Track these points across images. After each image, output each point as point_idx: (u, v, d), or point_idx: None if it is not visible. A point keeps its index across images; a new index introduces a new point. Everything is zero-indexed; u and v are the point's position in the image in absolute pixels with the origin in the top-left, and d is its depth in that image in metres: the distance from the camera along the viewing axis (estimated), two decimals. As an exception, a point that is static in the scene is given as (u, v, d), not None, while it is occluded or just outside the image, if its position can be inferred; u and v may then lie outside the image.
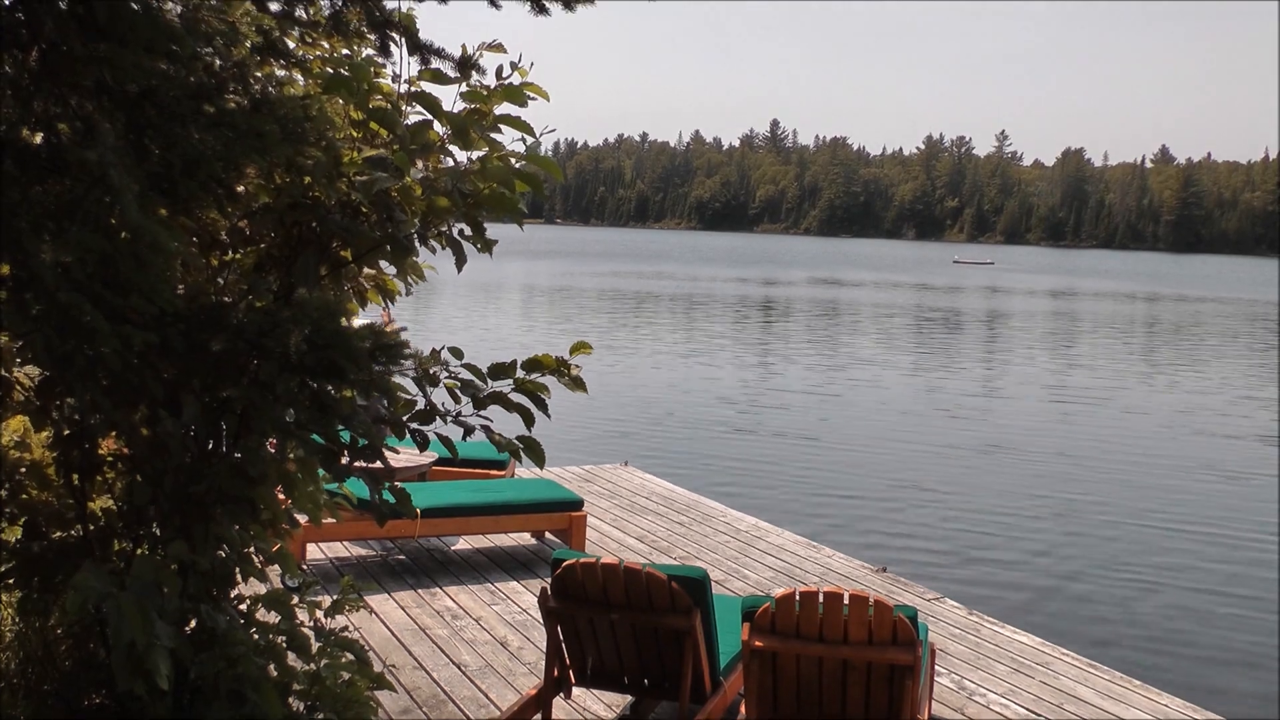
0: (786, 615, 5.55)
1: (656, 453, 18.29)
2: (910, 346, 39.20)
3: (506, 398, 4.05)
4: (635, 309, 50.08)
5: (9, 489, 5.07)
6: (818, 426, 22.11)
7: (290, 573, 4.77)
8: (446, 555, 9.56)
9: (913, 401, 26.14)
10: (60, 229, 3.12)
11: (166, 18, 2.89)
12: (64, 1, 2.87)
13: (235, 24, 3.30)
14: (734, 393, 26.22)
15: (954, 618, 8.74)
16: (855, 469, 18.36)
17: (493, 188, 4.15)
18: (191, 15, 3.09)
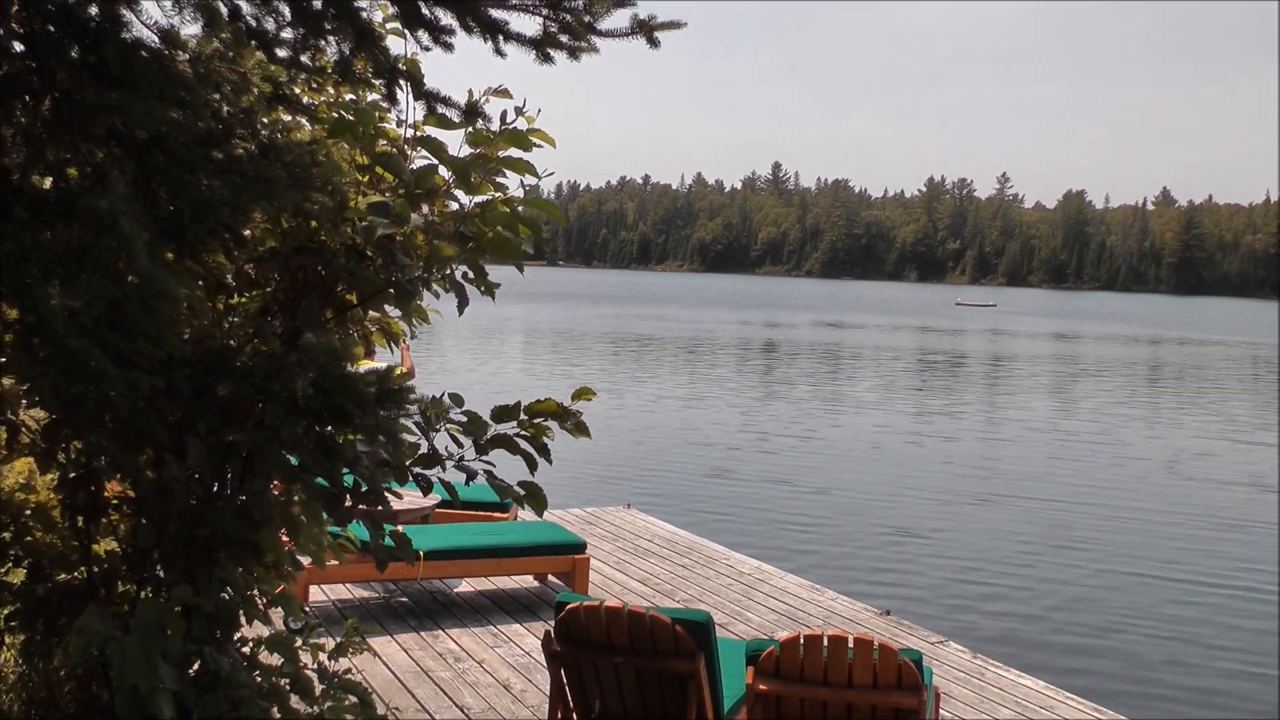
0: (791, 659, 5.54)
1: (659, 495, 18.27)
2: (913, 390, 39.18)
3: (510, 441, 4.07)
4: (637, 352, 50.11)
5: (14, 531, 5.09)
6: (820, 470, 22.09)
7: (293, 615, 4.77)
8: (449, 597, 9.55)
9: (915, 445, 26.11)
10: (69, 275, 3.15)
11: (179, 67, 2.93)
12: (75, 50, 2.91)
13: (246, 74, 3.34)
14: (736, 436, 26.21)
15: (958, 661, 8.72)
16: (858, 512, 18.34)
17: (496, 231, 4.18)
18: (204, 65, 3.13)
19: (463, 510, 10.49)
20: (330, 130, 4.08)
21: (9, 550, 5.04)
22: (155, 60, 2.81)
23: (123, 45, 2.79)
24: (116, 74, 2.77)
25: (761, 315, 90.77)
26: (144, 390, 3.13)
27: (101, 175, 2.90)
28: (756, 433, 26.82)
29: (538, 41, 3.47)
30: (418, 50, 3.89)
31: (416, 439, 3.95)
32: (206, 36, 3.18)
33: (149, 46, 2.85)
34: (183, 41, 3.03)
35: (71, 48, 2.85)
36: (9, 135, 3.49)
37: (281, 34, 3.66)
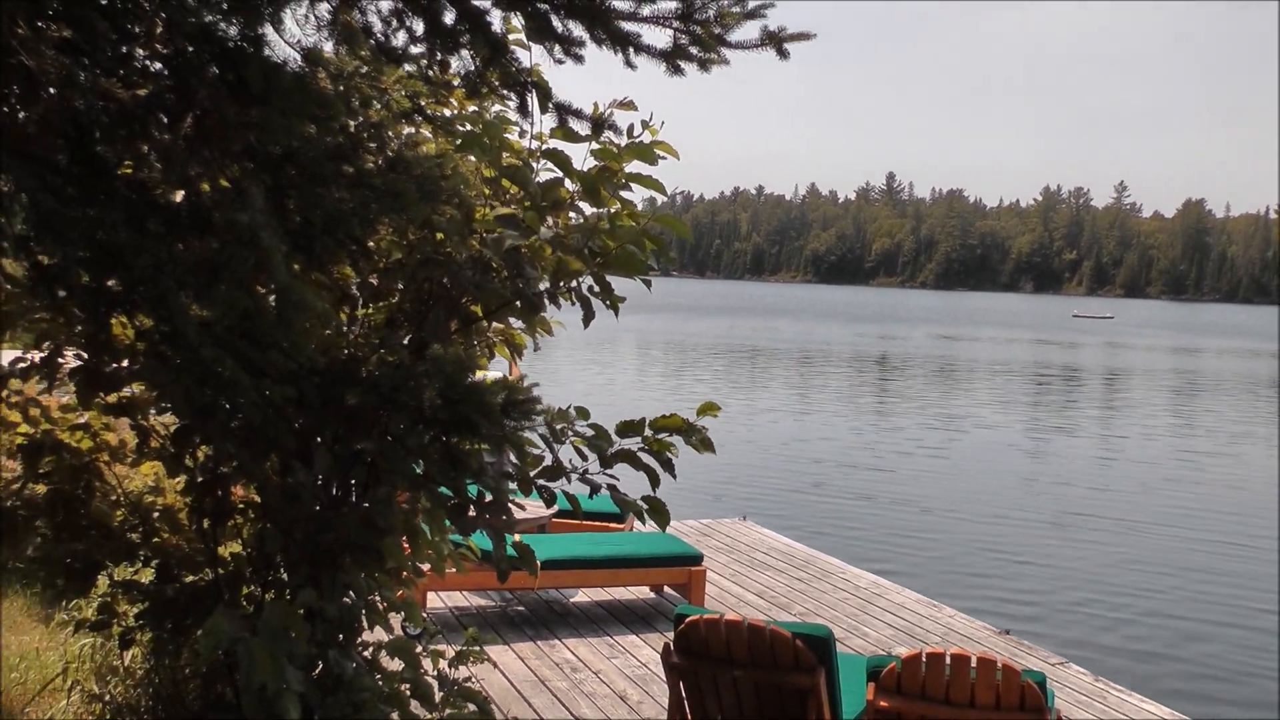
0: (912, 676, 5.47)
1: (773, 508, 18.18)
2: (1030, 405, 38.51)
3: (634, 456, 4.07)
4: (749, 364, 49.94)
5: (143, 532, 5.22)
6: (934, 484, 21.80)
7: (414, 621, 4.83)
8: (565, 607, 9.59)
9: (1031, 461, 25.66)
10: (203, 286, 3.22)
11: (320, 84, 2.98)
12: (214, 69, 2.97)
13: (387, 90, 3.39)
14: (849, 449, 25.99)
15: (1079, 684, 8.53)
16: (974, 528, 18.05)
17: (622, 246, 4.19)
18: (345, 82, 3.18)
19: (579, 520, 10.53)
20: (460, 143, 4.12)
21: (138, 551, 5.18)
22: (297, 78, 2.86)
23: (265, 64, 2.84)
24: (258, 92, 2.82)
25: (875, 327, 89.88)
26: (275, 399, 3.19)
27: (241, 190, 2.96)
28: (870, 446, 26.57)
29: (668, 54, 3.48)
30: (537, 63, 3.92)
31: (541, 451, 3.96)
32: (348, 54, 3.23)
33: (291, 65, 2.91)
34: (325, 59, 3.08)
35: (211, 67, 2.91)
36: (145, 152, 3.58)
37: (410, 49, 3.71)
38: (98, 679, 6.15)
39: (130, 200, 3.42)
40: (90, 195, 3.45)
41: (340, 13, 2.96)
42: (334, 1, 3.01)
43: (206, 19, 3.10)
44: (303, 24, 3.01)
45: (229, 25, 2.93)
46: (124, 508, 5.23)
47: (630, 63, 3.52)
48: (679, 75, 3.59)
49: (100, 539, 5.12)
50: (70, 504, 5.08)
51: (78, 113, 3.16)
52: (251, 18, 2.85)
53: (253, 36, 2.86)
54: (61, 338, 4.75)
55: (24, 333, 4.77)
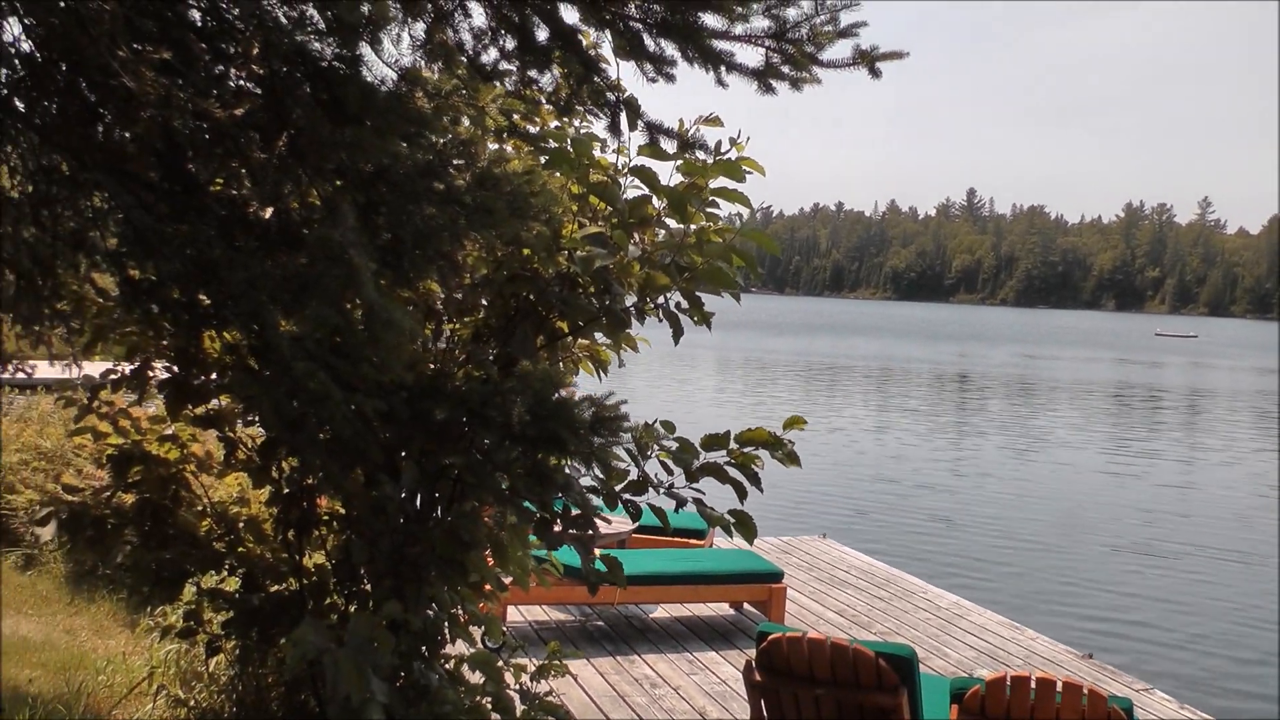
0: (997, 699, 5.40)
1: (853, 526, 18.04)
2: (1112, 425, 37.86)
3: (720, 470, 4.06)
4: (829, 381, 49.63)
5: (228, 542, 5.29)
6: (1015, 505, 21.49)
7: (495, 636, 4.84)
8: (645, 623, 9.57)
9: (1113, 483, 25.21)
10: (294, 302, 3.26)
11: (417, 104, 3.01)
12: (308, 87, 3.01)
13: (484, 108, 3.42)
14: (930, 468, 25.72)
15: (1165, 712, 8.36)
16: (1056, 550, 17.77)
17: (710, 262, 4.19)
18: (444, 100, 3.21)
19: (660, 535, 10.52)
20: (548, 160, 4.14)
21: (224, 560, 5.25)
22: (394, 98, 2.89)
23: (361, 85, 2.87)
24: (355, 112, 2.86)
25: (954, 345, 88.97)
26: (366, 413, 3.21)
27: (333, 207, 2.99)
28: (949, 466, 26.29)
29: (759, 72, 3.47)
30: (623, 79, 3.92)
31: (626, 465, 3.97)
32: (446, 74, 3.26)
33: (388, 84, 2.94)
34: (423, 79, 3.11)
35: (305, 86, 2.94)
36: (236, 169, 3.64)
37: (500, 66, 3.73)
38: (182, 684, 6.24)
39: (222, 217, 3.48)
40: (182, 212, 3.51)
41: (435, 31, 2.99)
42: (428, 21, 3.04)
43: (299, 39, 3.15)
44: (396, 43, 3.05)
45: (326, 46, 2.96)
46: (210, 517, 5.31)
47: (722, 81, 3.51)
48: (770, 94, 3.58)
49: (187, 548, 5.19)
50: (158, 513, 5.17)
51: (173, 131, 3.21)
52: (349, 39, 2.88)
53: (350, 57, 2.89)
54: (151, 351, 4.84)
55: (115, 345, 4.87)
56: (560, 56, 3.31)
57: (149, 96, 2.86)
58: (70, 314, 4.89)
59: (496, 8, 3.19)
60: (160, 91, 2.91)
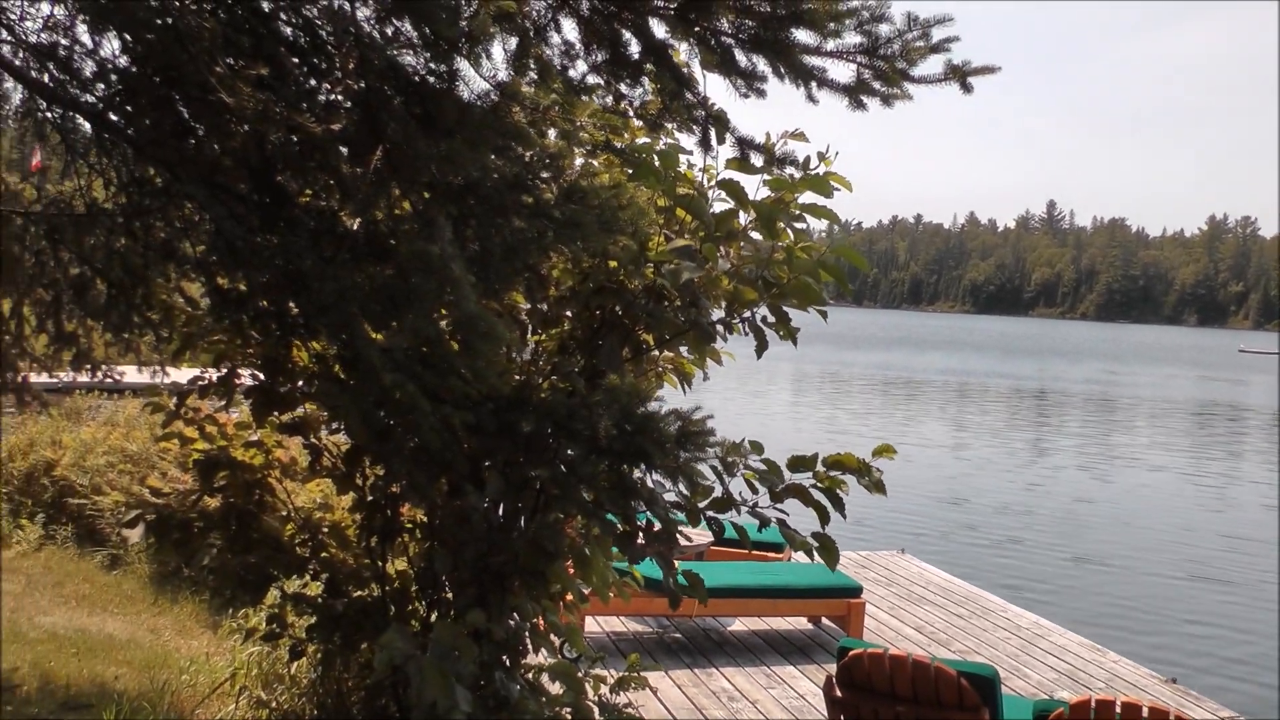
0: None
1: (930, 542, 17.87)
2: (1194, 444, 37.13)
3: (805, 493, 4.04)
4: (906, 396, 49.19)
5: (311, 547, 5.35)
6: (1094, 525, 21.12)
7: (576, 647, 4.85)
8: (723, 636, 9.53)
9: (1197, 504, 24.69)
10: (386, 313, 3.30)
11: (514, 118, 3.04)
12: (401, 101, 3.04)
13: (581, 123, 3.44)
14: (1007, 485, 25.39)
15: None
16: (1137, 571, 17.45)
17: (798, 277, 4.17)
18: (541, 116, 3.23)
19: (737, 548, 10.48)
20: (633, 174, 4.15)
21: (308, 565, 5.31)
22: (491, 113, 2.91)
23: (457, 101, 2.90)
24: (450, 127, 2.88)
25: (1033, 360, 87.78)
26: (455, 425, 3.24)
27: (428, 220, 3.02)
28: (1028, 483, 25.93)
29: (851, 88, 3.45)
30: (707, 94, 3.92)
31: (710, 482, 3.96)
32: (544, 89, 3.28)
33: (486, 99, 2.96)
34: (521, 94, 3.13)
35: (398, 100, 2.97)
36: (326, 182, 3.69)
37: (587, 80, 3.75)
38: (264, 686, 6.31)
39: (313, 228, 3.52)
40: (271, 223, 3.56)
41: (531, 46, 3.01)
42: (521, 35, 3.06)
43: (392, 54, 3.18)
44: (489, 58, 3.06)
45: (419, 60, 3.00)
46: (294, 523, 5.38)
47: (812, 97, 3.51)
48: (861, 110, 3.57)
49: (271, 552, 5.26)
50: (243, 517, 5.24)
51: (266, 145, 3.26)
52: (446, 54, 2.91)
53: (447, 73, 2.92)
54: (238, 358, 4.92)
55: (203, 353, 4.95)
56: (652, 71, 3.31)
57: (245, 111, 2.90)
58: (159, 322, 4.98)
59: (589, 22, 3.20)
60: (256, 106, 2.95)
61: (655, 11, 3.14)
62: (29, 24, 4.16)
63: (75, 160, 4.66)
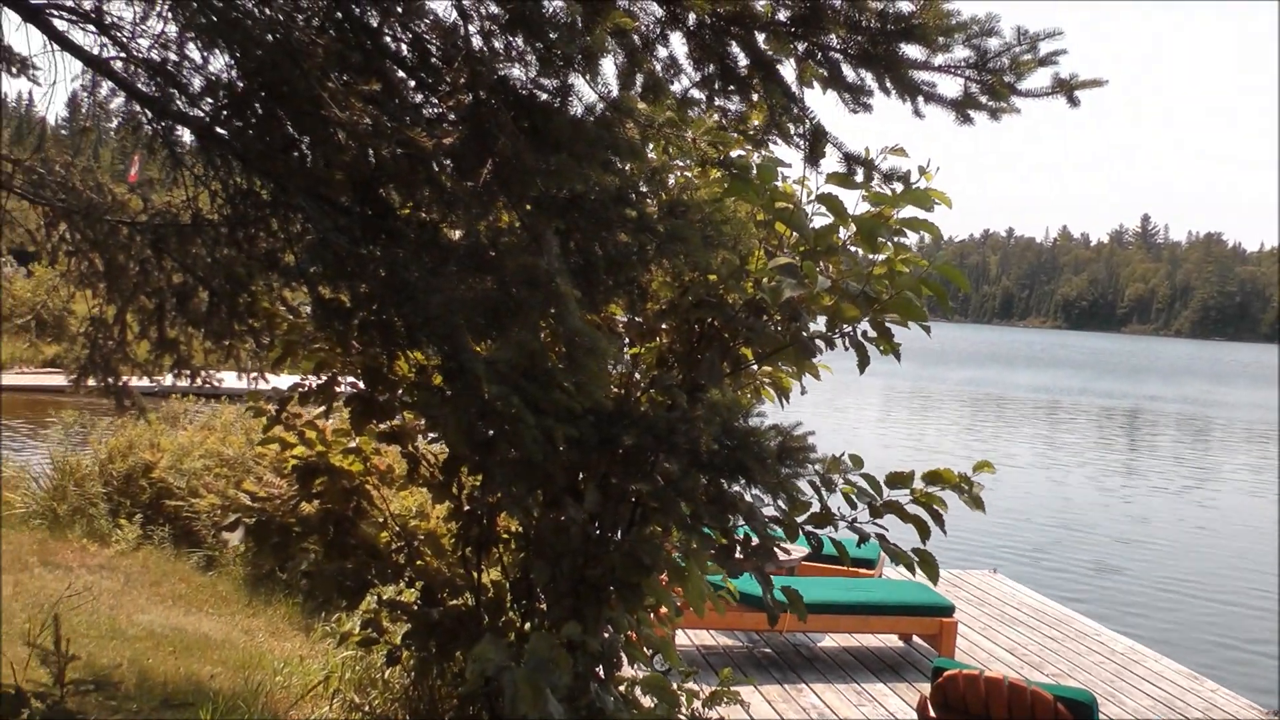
0: (1181, 751, 5.21)
1: (1021, 562, 17.60)
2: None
3: (902, 508, 4.01)
4: (996, 413, 48.56)
5: (407, 555, 5.40)
6: (1191, 549, 20.65)
7: (670, 660, 4.84)
8: (813, 651, 9.46)
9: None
10: (489, 326, 3.32)
11: (627, 134, 3.05)
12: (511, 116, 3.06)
13: (695, 141, 3.44)
14: (1099, 506, 24.89)
15: (1358, 771, 7.97)
16: (1236, 599, 17.05)
17: (900, 292, 4.14)
18: (654, 131, 3.24)
19: (828, 564, 10.41)
20: (729, 188, 4.14)
21: (404, 572, 5.36)
22: (603, 128, 2.92)
23: (570, 117, 2.91)
24: (564, 142, 2.89)
25: (1126, 378, 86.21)
26: (557, 437, 3.24)
27: (536, 235, 3.04)
28: (1120, 505, 25.44)
29: (958, 103, 3.42)
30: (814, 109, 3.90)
31: (808, 497, 3.94)
32: (659, 105, 3.28)
33: (599, 115, 2.97)
34: (636, 110, 3.14)
35: (508, 115, 2.99)
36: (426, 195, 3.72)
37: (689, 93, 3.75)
38: (358, 690, 6.37)
39: (418, 240, 3.56)
40: (375, 235, 3.60)
41: (643, 62, 3.02)
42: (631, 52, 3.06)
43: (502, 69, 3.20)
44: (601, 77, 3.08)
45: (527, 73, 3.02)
46: (389, 530, 5.43)
47: (918, 112, 3.47)
48: (968, 124, 3.53)
49: (368, 559, 5.32)
50: (340, 523, 5.30)
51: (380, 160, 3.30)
52: (560, 70, 2.93)
53: (560, 88, 2.93)
54: (338, 366, 4.98)
55: (304, 360, 5.02)
56: (760, 85, 3.30)
57: (357, 126, 2.93)
58: (260, 329, 5.07)
59: (697, 36, 3.20)
60: (368, 122, 2.99)
61: (765, 27, 3.13)
62: (142, 41, 4.25)
63: (181, 172, 4.76)
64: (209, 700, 6.23)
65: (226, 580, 9.67)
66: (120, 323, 5.63)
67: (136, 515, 10.70)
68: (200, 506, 10.56)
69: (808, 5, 3.22)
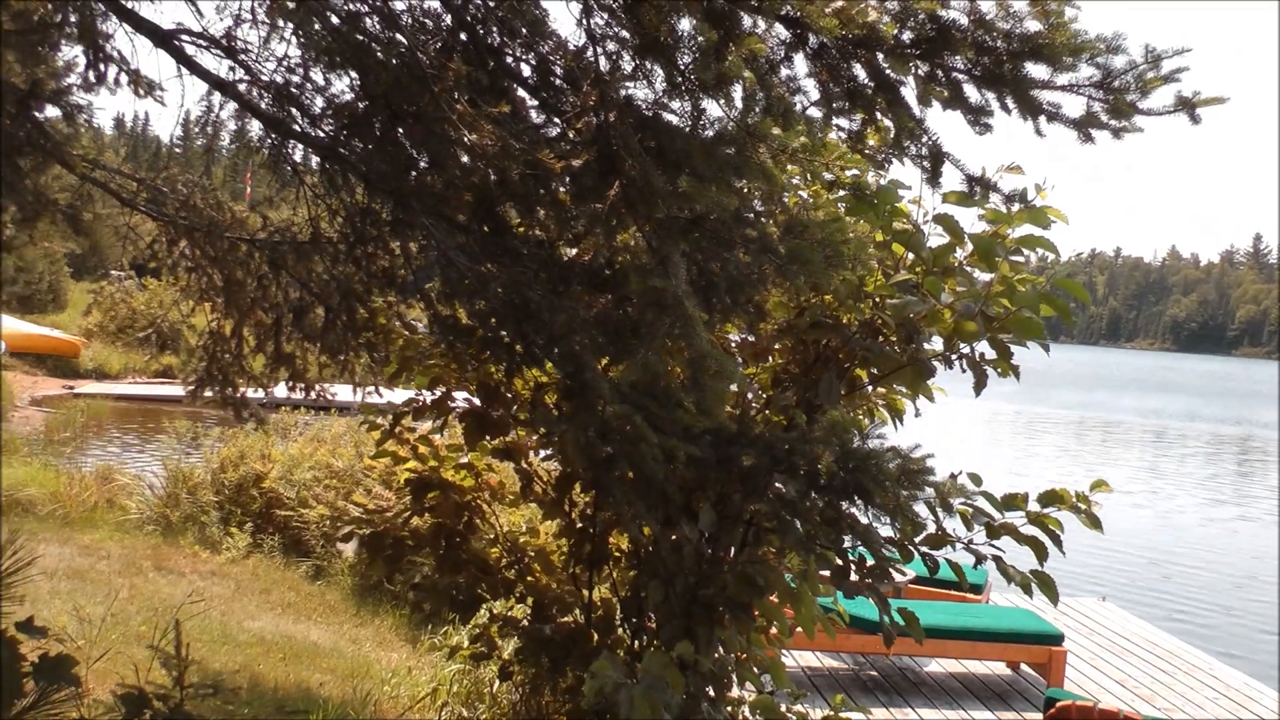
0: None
1: (1130, 591, 17.25)
2: None
3: (1018, 530, 3.96)
4: (1102, 437, 47.65)
5: (517, 571, 5.45)
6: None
7: (779, 682, 4.82)
8: (919, 676, 9.35)
9: None
10: (611, 345, 3.34)
11: (759, 157, 3.06)
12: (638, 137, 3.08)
13: (829, 165, 3.45)
14: (1211, 537, 24.36)
15: None
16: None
17: (1018, 311, 4.10)
18: (787, 156, 3.25)
19: (935, 588, 10.28)
20: (850, 209, 4.13)
21: (515, 588, 5.41)
22: (736, 150, 2.94)
23: (704, 140, 2.93)
24: (692, 163, 2.92)
25: (1238, 403, 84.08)
26: (678, 457, 3.26)
27: (664, 257, 3.06)
28: (1232, 536, 24.87)
29: (1080, 122, 3.38)
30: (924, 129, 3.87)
31: (923, 518, 3.90)
32: (791, 129, 3.30)
33: (730, 137, 2.99)
34: (770, 134, 3.16)
35: (636, 137, 3.02)
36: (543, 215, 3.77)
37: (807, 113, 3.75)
38: (465, 703, 6.42)
39: (539, 259, 3.60)
40: (492, 253, 3.65)
41: (771, 85, 3.03)
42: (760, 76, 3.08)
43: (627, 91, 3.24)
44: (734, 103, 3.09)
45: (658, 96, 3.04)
46: (499, 546, 5.48)
47: (1040, 131, 3.44)
48: (1089, 143, 3.49)
49: (479, 574, 5.37)
50: (451, 538, 5.37)
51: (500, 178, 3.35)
52: (693, 94, 2.95)
53: (694, 112, 2.96)
54: (453, 382, 5.05)
55: (419, 375, 5.09)
56: (885, 106, 3.30)
57: (487, 148, 2.98)
58: (376, 345, 5.15)
59: (822, 58, 3.21)
60: (496, 143, 3.03)
61: (889, 49, 3.13)
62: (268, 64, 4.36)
63: (301, 190, 4.86)
64: (319, 707, 6.33)
65: (335, 590, 9.82)
66: (237, 336, 5.76)
67: (247, 524, 10.92)
68: (310, 517, 10.74)
69: (933, 27, 3.21)
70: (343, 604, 9.49)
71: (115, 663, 6.09)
